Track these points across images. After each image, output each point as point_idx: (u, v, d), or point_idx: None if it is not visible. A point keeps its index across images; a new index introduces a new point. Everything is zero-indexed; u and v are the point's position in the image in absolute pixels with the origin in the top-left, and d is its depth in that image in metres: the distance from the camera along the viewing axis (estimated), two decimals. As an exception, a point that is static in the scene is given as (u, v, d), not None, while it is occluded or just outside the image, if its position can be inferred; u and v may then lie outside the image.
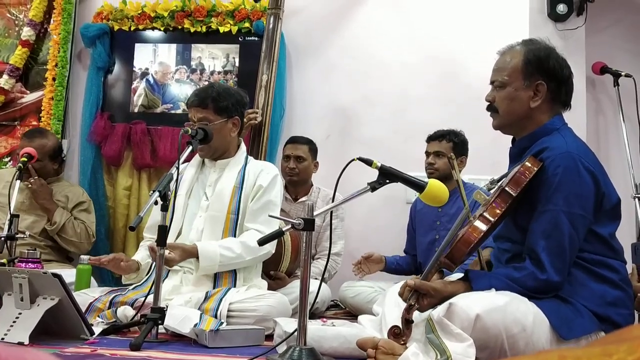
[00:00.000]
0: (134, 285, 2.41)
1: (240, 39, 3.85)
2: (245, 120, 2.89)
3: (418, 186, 1.75)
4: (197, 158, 2.65)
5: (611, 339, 0.39)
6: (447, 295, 1.64)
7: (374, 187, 1.73)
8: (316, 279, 2.95)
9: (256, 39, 3.77)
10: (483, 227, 1.67)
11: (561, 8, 3.48)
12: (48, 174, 3.29)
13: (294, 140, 3.39)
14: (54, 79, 3.95)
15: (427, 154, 3.16)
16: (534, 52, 1.85)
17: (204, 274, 2.37)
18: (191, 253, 2.31)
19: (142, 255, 2.55)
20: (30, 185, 3.13)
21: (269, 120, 3.34)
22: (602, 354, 0.37)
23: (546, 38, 1.96)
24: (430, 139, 3.19)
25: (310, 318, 1.84)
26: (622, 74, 3.27)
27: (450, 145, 3.10)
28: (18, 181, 2.75)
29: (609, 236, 1.78)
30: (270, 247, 2.50)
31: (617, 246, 1.80)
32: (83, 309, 2.04)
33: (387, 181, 1.75)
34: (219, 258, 2.33)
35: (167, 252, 2.14)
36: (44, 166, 3.22)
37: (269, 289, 2.56)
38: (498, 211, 1.68)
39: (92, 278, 2.66)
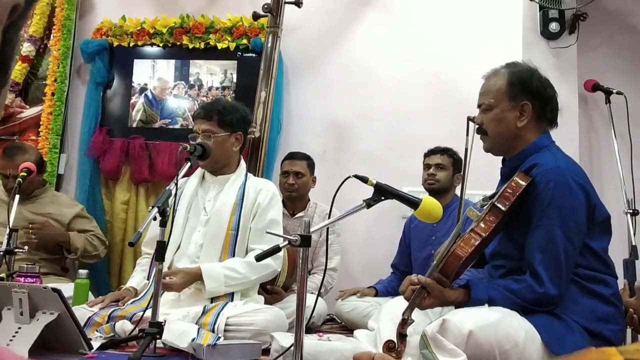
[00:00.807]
0: (132, 300, 2.43)
1: (238, 55, 3.90)
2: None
3: (412, 203, 1.78)
4: (198, 172, 2.69)
5: None
6: (449, 299, 1.67)
7: (369, 203, 1.76)
8: (312, 293, 2.97)
9: (254, 55, 3.82)
10: (474, 241, 1.71)
11: (553, 26, 3.54)
12: (35, 187, 3.31)
13: (292, 157, 3.42)
14: (53, 94, 3.99)
15: (428, 166, 3.22)
16: (517, 74, 1.91)
17: (212, 296, 2.39)
18: (195, 275, 2.34)
19: (137, 279, 2.58)
20: (34, 238, 3.12)
21: (266, 136, 3.37)
22: None
23: (539, 56, 2.01)
24: (432, 152, 3.26)
25: (306, 332, 1.87)
26: (614, 91, 3.31)
27: (450, 161, 3.20)
28: (17, 195, 2.77)
29: (602, 250, 1.82)
30: (277, 265, 2.53)
31: (609, 261, 1.84)
32: (81, 323, 2.06)
33: (382, 198, 1.78)
34: (224, 279, 2.36)
35: (167, 278, 2.19)
36: (31, 181, 3.21)
37: (265, 303, 2.59)
38: (489, 226, 1.72)
39: (89, 292, 2.69)
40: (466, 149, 2.12)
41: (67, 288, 2.54)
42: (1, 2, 0.37)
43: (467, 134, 2.17)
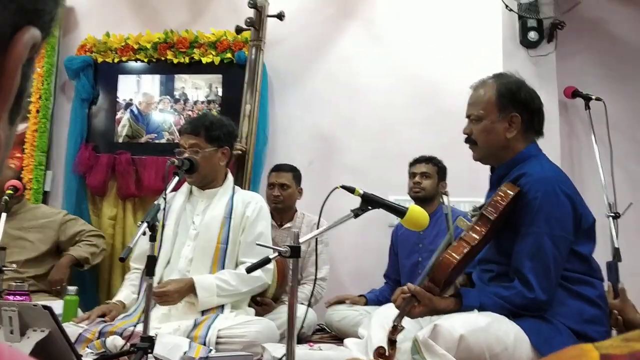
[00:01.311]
0: (122, 315, 2.43)
1: (222, 69, 3.93)
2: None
3: (399, 212, 1.81)
4: (185, 186, 2.70)
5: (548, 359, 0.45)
6: (439, 308, 1.70)
7: (356, 213, 1.78)
8: (302, 303, 2.98)
9: (238, 68, 3.84)
10: (463, 249, 1.74)
11: (532, 35, 3.60)
12: (14, 203, 3.28)
13: (277, 169, 3.44)
14: (38, 111, 3.98)
15: (413, 174, 3.27)
16: (506, 86, 1.95)
17: (204, 308, 2.39)
18: (188, 284, 2.35)
19: (125, 293, 2.58)
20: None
21: (252, 149, 3.39)
22: None
23: (519, 64, 2.06)
24: (417, 161, 3.30)
25: (297, 343, 1.88)
26: (593, 97, 3.38)
27: (435, 169, 3.24)
28: (4, 214, 2.76)
29: (587, 255, 1.86)
30: (267, 278, 2.55)
31: (595, 265, 1.89)
32: (72, 340, 2.06)
33: (370, 207, 1.80)
34: (216, 289, 2.37)
35: (159, 288, 2.20)
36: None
37: (256, 314, 2.60)
38: (478, 235, 1.76)
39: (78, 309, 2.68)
40: (446, 215, 2.19)
41: (56, 306, 2.53)
42: (22, 42, 0.39)
43: (443, 202, 2.27)
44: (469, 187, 3.45)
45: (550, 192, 1.78)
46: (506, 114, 1.93)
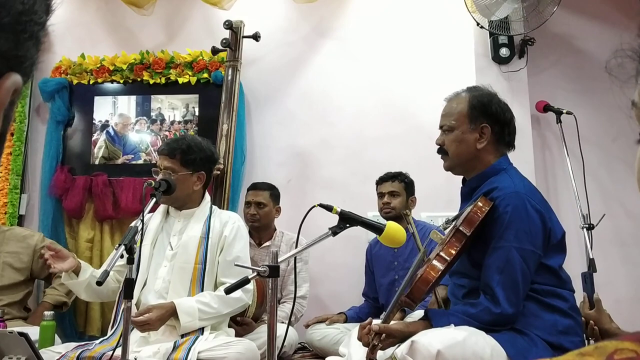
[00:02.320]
0: (100, 340, 2.40)
1: (199, 88, 3.94)
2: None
3: (376, 229, 1.83)
4: (162, 207, 2.68)
5: None
6: (408, 335, 1.71)
7: (335, 231, 1.80)
8: (283, 322, 2.98)
9: (215, 88, 3.85)
10: (440, 266, 1.77)
11: (504, 51, 3.68)
12: None
13: (254, 187, 3.44)
14: (12, 134, 3.94)
15: (382, 194, 3.25)
16: (478, 98, 2.00)
17: (186, 332, 2.37)
18: (169, 309, 2.33)
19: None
20: None
21: (230, 168, 3.39)
22: None
23: (492, 80, 2.11)
24: (383, 180, 3.29)
25: (278, 362, 1.88)
26: (564, 111, 3.47)
27: (402, 186, 3.22)
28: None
29: (557, 268, 1.89)
30: (247, 298, 2.53)
31: (564, 276, 1.92)
32: (50, 367, 2.03)
33: (347, 225, 1.81)
34: (198, 313, 2.36)
35: (141, 317, 2.18)
36: None
37: (236, 334, 2.59)
38: (453, 250, 1.78)
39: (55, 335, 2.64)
40: (412, 234, 2.24)
41: (33, 332, 2.49)
42: (4, 88, 0.40)
43: (408, 223, 2.33)
44: (445, 201, 3.49)
45: (520, 207, 1.82)
46: (477, 125, 1.98)
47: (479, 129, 1.98)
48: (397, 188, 3.21)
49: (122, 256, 2.00)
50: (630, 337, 0.46)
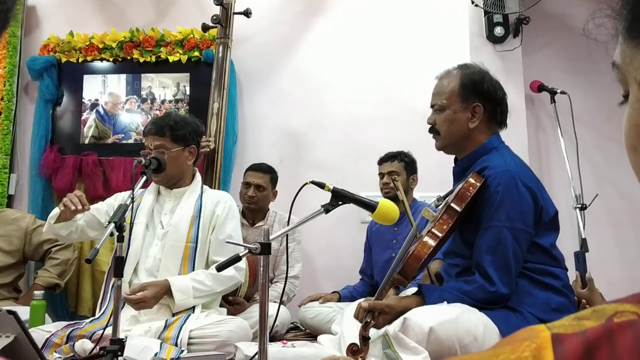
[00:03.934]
0: (91, 319, 2.38)
1: (190, 67, 3.89)
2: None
3: (369, 206, 1.81)
4: (153, 186, 2.66)
5: (503, 342, 0.45)
6: (400, 310, 1.70)
7: (327, 209, 1.78)
8: (275, 302, 2.97)
9: (206, 67, 3.80)
10: (432, 242, 1.75)
11: (498, 30, 3.65)
12: None
13: (256, 168, 3.39)
14: (0, 113, 3.89)
15: (382, 174, 3.25)
16: (469, 76, 1.97)
17: (179, 310, 2.36)
18: (164, 287, 2.32)
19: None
20: None
21: (221, 148, 3.36)
22: (492, 355, 0.43)
23: (486, 59, 2.07)
24: (383, 160, 3.28)
25: (270, 341, 1.87)
26: (558, 91, 3.44)
27: (402, 165, 3.21)
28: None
29: (550, 246, 1.88)
30: (240, 277, 2.53)
31: (557, 255, 1.91)
32: (39, 345, 2.01)
33: (340, 203, 1.79)
34: (192, 291, 2.35)
35: (136, 295, 2.17)
36: None
37: (228, 314, 2.58)
38: (445, 227, 1.77)
39: (46, 314, 2.62)
40: (404, 211, 2.22)
41: (23, 311, 2.47)
42: None
43: (397, 189, 2.29)
44: (438, 181, 3.47)
45: (511, 186, 1.80)
46: (469, 104, 1.95)
47: (470, 108, 1.95)
48: (397, 168, 3.20)
49: (112, 234, 1.98)
50: (630, 299, 0.44)
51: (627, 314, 0.42)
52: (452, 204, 1.79)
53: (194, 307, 2.40)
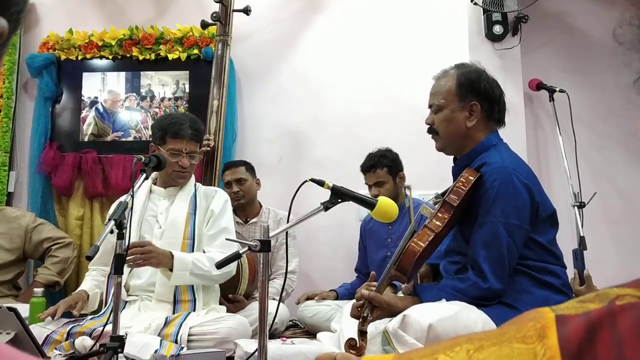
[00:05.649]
0: (91, 316, 2.39)
1: (189, 65, 3.89)
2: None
3: (368, 204, 1.82)
4: (144, 187, 2.64)
5: (509, 323, 0.47)
6: (397, 310, 1.71)
7: (326, 206, 1.79)
8: (274, 299, 2.98)
9: (206, 64, 3.80)
10: (428, 237, 1.77)
11: (497, 29, 3.65)
12: None
13: (229, 166, 3.42)
14: (-1, 111, 3.89)
15: (369, 186, 3.18)
16: (466, 75, 1.97)
17: (176, 283, 2.38)
18: (167, 252, 2.34)
19: (89, 284, 2.56)
20: None
21: (221, 145, 3.36)
22: (499, 334, 0.44)
23: (485, 57, 2.08)
24: (365, 170, 3.19)
25: (270, 338, 1.88)
26: (557, 89, 3.45)
27: (385, 171, 3.13)
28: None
29: (548, 243, 1.89)
30: (233, 267, 2.54)
31: (557, 252, 1.92)
32: (40, 342, 2.02)
33: (339, 200, 1.80)
34: (191, 265, 2.37)
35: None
36: None
37: (227, 312, 2.58)
38: (441, 221, 1.78)
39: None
40: (408, 207, 2.20)
41: (23, 308, 2.48)
42: None
43: (405, 195, 2.28)
44: (436, 180, 3.47)
45: (507, 182, 1.81)
46: (466, 103, 1.95)
47: (468, 107, 1.96)
48: (382, 177, 3.13)
49: (112, 232, 1.98)
50: (632, 284, 0.45)
51: (629, 297, 0.44)
52: (447, 199, 1.81)
53: (194, 305, 2.40)
